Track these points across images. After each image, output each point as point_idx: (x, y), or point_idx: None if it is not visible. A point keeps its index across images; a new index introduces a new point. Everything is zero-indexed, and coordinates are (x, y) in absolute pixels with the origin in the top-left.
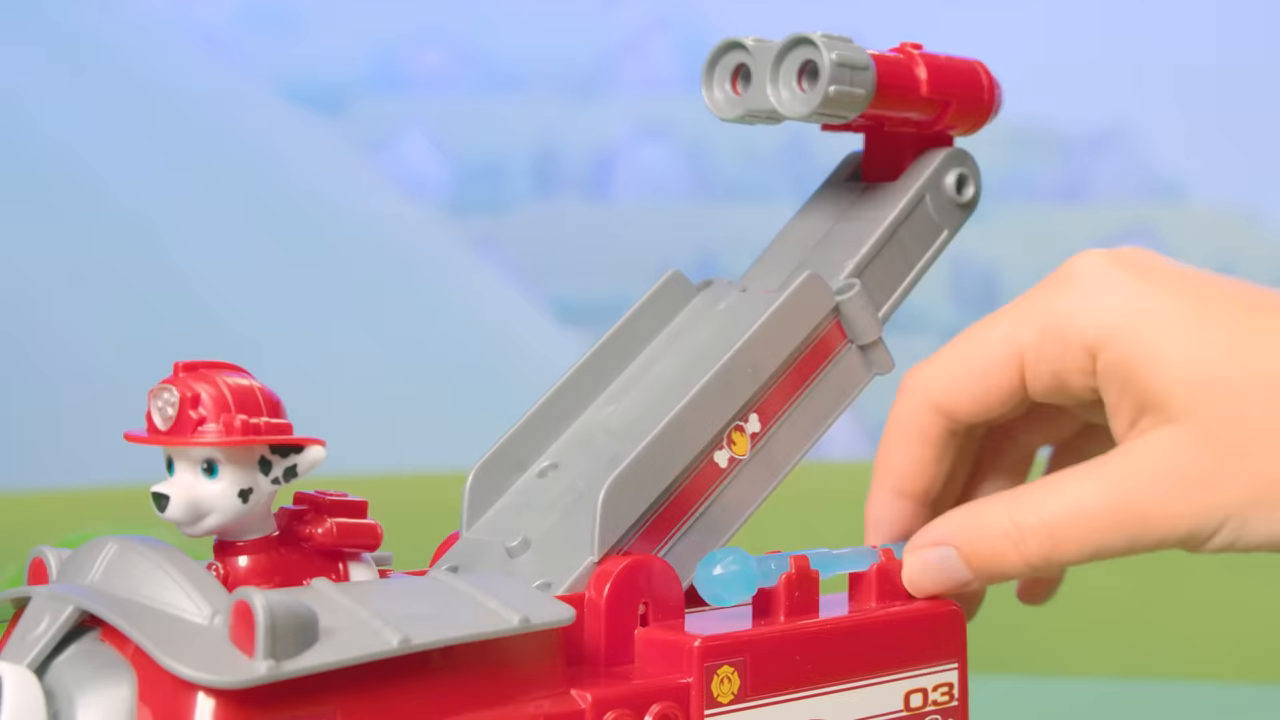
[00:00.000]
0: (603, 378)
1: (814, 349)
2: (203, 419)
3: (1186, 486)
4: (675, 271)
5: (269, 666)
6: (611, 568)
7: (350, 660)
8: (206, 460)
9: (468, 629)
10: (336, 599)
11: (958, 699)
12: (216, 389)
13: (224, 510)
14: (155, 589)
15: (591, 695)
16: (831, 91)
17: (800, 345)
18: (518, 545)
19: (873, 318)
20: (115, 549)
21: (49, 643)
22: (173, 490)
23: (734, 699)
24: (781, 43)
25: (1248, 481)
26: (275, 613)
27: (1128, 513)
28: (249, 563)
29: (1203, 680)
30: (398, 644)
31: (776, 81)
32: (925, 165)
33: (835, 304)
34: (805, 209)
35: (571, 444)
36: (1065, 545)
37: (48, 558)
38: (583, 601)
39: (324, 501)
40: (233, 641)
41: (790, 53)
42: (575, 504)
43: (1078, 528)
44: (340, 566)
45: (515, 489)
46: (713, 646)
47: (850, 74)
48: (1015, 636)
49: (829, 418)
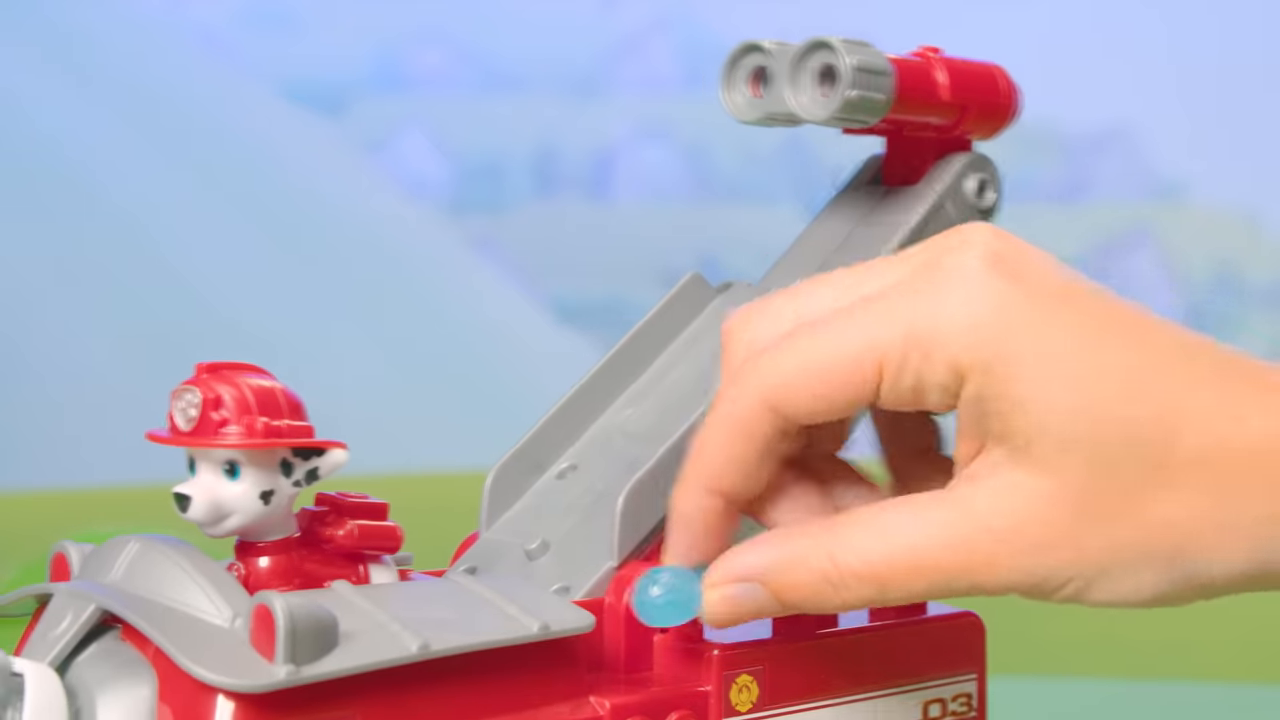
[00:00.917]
0: (622, 380)
1: None
2: (225, 420)
3: (1039, 546)
4: (695, 274)
5: (289, 671)
6: (632, 573)
7: (369, 665)
8: (228, 462)
9: (487, 635)
10: (356, 602)
11: (977, 710)
12: (239, 391)
13: (245, 511)
14: (176, 590)
15: (610, 702)
16: (852, 96)
17: None
18: (537, 548)
19: None
20: (137, 548)
21: (70, 641)
22: (195, 491)
23: (753, 707)
24: (801, 46)
25: (1102, 545)
26: (296, 617)
27: (967, 563)
28: (270, 564)
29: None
30: (417, 650)
31: (796, 85)
32: (946, 170)
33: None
34: (825, 212)
35: (590, 446)
36: (893, 590)
37: (69, 553)
38: (602, 607)
39: (345, 503)
40: (253, 645)
41: (810, 56)
42: (594, 507)
43: (908, 575)
44: (361, 568)
45: (534, 490)
46: (732, 655)
47: (870, 79)
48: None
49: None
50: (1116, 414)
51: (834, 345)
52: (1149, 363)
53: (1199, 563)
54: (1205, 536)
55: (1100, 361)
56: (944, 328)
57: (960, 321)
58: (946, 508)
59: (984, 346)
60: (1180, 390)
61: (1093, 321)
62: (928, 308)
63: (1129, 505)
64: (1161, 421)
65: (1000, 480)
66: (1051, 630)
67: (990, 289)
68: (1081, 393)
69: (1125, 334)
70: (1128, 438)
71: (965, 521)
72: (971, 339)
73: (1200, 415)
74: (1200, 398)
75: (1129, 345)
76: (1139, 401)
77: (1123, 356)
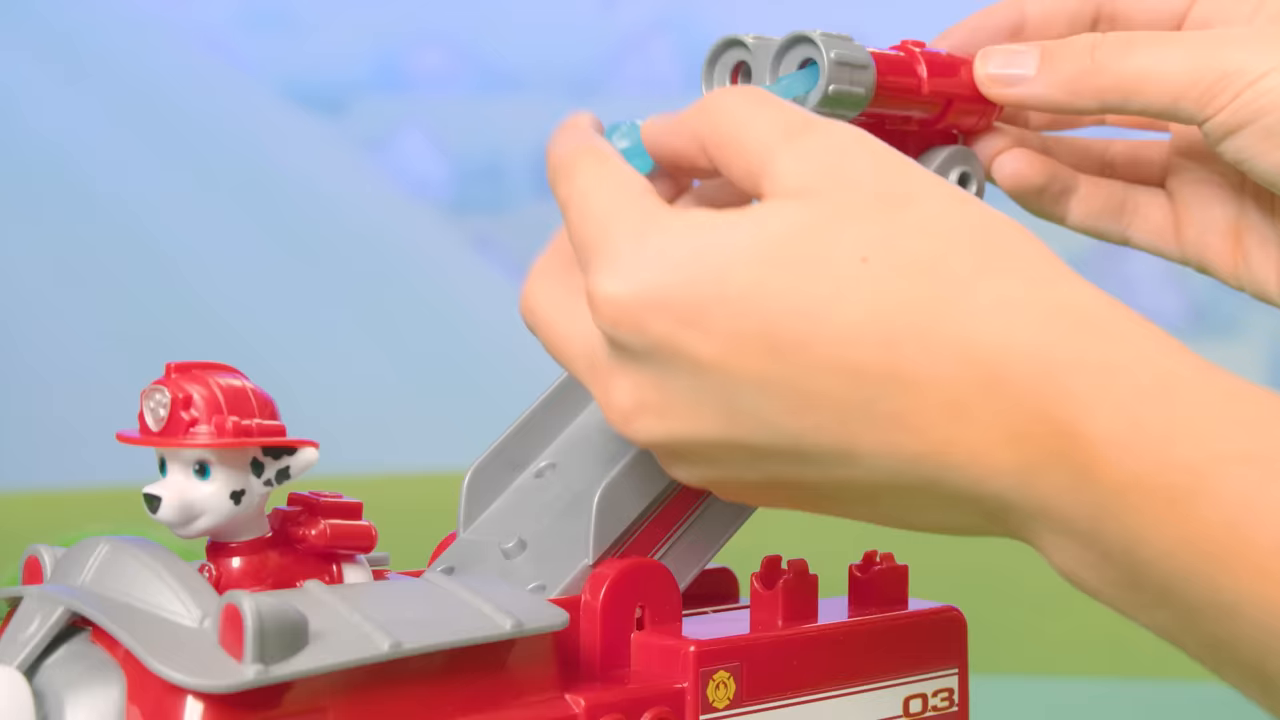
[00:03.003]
0: None
1: None
2: (195, 420)
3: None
4: None
5: (257, 671)
6: (607, 571)
7: (340, 665)
8: (199, 462)
9: (459, 633)
10: (328, 602)
11: (958, 704)
12: (209, 390)
13: (216, 512)
14: (146, 591)
15: (585, 700)
16: (830, 90)
17: None
18: (514, 546)
19: None
20: (107, 550)
21: (39, 644)
22: (165, 492)
23: (730, 704)
24: (781, 40)
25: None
26: (264, 616)
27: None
28: (241, 564)
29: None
30: (388, 648)
31: (777, 79)
32: (928, 163)
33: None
34: None
35: (569, 444)
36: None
37: (43, 556)
38: (578, 605)
39: (318, 503)
40: (222, 645)
41: (790, 51)
42: (571, 505)
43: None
44: (334, 568)
45: (513, 489)
46: (708, 651)
47: (850, 73)
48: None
49: None
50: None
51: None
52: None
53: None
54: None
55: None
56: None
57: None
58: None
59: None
60: None
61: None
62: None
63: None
64: None
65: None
66: (1044, 630)
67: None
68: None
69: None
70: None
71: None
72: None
73: None
74: None
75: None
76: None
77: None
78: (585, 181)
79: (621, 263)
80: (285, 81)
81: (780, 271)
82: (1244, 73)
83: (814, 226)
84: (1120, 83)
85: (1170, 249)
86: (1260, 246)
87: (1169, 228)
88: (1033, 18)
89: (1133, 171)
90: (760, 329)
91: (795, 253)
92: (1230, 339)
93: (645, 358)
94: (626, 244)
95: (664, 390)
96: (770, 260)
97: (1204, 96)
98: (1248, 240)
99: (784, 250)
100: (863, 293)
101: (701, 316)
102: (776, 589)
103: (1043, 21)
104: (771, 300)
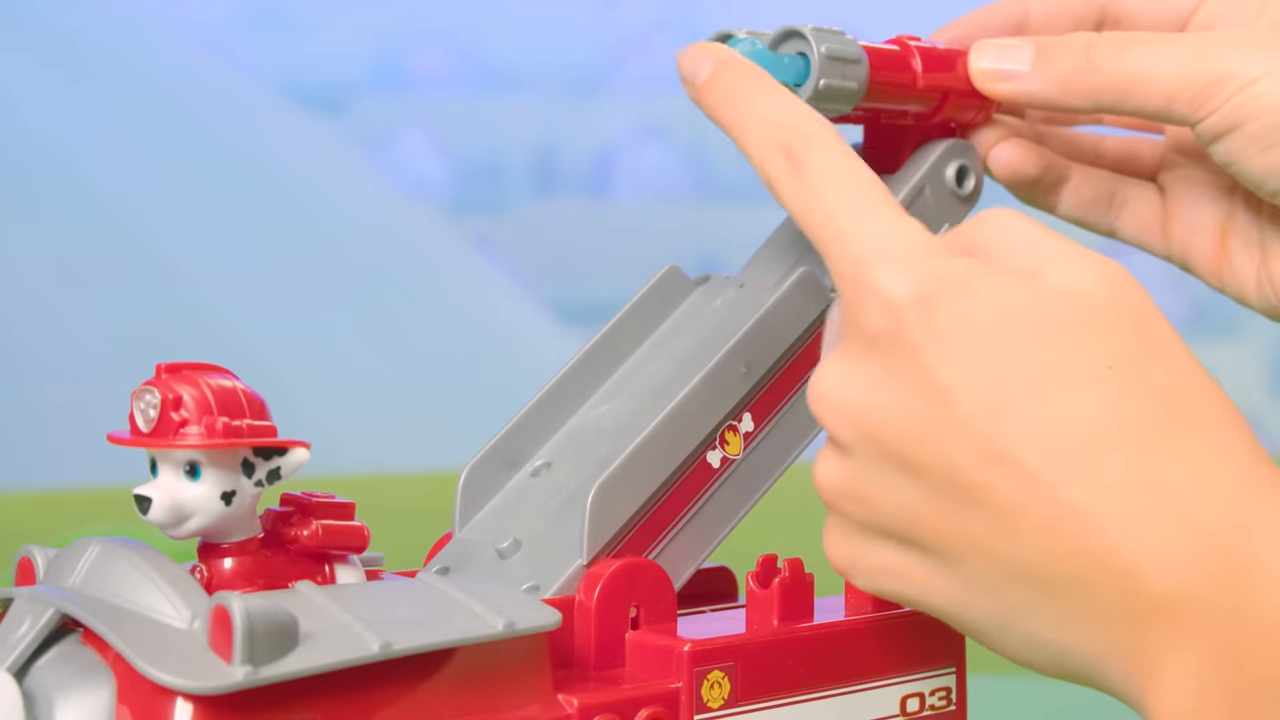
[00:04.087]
0: (597, 375)
1: (809, 347)
2: (185, 421)
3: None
4: (672, 266)
5: (246, 672)
6: (602, 570)
7: (330, 666)
8: (189, 462)
9: (451, 634)
10: (319, 602)
11: (956, 703)
12: (199, 390)
13: (207, 512)
14: (136, 592)
15: (579, 700)
16: (821, 85)
17: (794, 343)
18: (508, 546)
19: None
20: (98, 551)
21: (29, 645)
22: (155, 493)
23: (725, 704)
24: (773, 35)
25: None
26: (254, 617)
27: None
28: (233, 565)
29: None
30: (378, 649)
31: None
32: (925, 157)
33: (830, 301)
34: None
35: (565, 443)
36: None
37: (35, 557)
38: (572, 605)
39: (310, 503)
40: (211, 646)
41: (781, 45)
42: (566, 504)
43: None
44: (326, 569)
45: (508, 488)
46: (703, 651)
47: (841, 67)
48: None
49: None
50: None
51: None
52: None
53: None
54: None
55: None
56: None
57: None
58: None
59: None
60: None
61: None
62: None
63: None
64: None
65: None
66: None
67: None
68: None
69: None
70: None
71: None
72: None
73: None
74: None
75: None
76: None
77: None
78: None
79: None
80: (285, 81)
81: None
82: (1237, 76)
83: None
84: (1114, 83)
85: (1155, 244)
86: (1245, 249)
87: (1156, 222)
88: (1036, 18)
89: (1126, 164)
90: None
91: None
92: (1230, 339)
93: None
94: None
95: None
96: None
97: (1197, 99)
98: (1233, 242)
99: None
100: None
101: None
102: (772, 588)
103: (1046, 21)
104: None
